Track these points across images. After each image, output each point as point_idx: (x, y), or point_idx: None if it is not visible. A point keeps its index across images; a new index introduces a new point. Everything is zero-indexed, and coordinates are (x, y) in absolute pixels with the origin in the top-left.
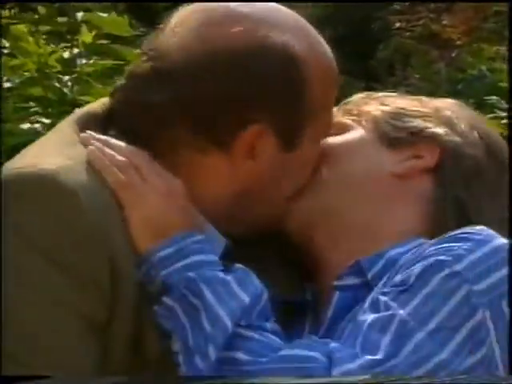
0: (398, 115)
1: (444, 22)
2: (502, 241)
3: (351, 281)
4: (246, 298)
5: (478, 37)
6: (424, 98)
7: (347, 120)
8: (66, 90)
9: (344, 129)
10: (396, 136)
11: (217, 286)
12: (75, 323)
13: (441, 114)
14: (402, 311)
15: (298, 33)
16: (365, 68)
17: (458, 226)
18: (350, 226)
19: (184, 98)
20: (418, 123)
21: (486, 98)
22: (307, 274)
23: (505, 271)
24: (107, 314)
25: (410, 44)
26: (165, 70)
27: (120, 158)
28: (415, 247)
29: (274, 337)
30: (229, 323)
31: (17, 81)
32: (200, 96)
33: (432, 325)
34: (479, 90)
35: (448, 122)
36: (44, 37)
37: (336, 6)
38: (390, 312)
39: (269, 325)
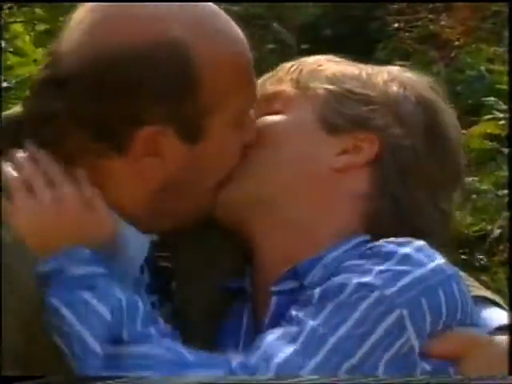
0: (343, 98)
1: (443, 23)
2: (414, 245)
3: (288, 285)
4: (108, 315)
5: (476, 37)
6: (374, 71)
7: (291, 92)
8: None
9: (286, 103)
10: (337, 122)
11: (79, 308)
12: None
13: (388, 93)
14: (311, 322)
15: (191, 25)
16: None
17: (394, 223)
18: (283, 220)
19: (76, 105)
20: (361, 111)
21: (484, 99)
22: (246, 258)
23: (421, 272)
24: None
25: (408, 44)
26: (57, 77)
27: (9, 171)
28: (349, 249)
29: (165, 349)
30: (96, 346)
31: (13, 81)
32: (91, 102)
33: (341, 331)
34: (478, 91)
35: (393, 106)
36: (43, 36)
37: (334, 6)
38: (297, 326)
39: (153, 330)
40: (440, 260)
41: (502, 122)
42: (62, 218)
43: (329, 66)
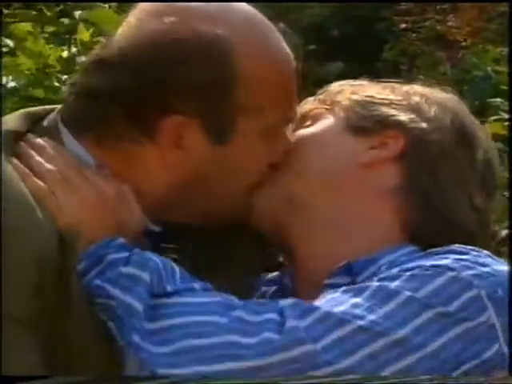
0: (366, 103)
1: (450, 24)
2: (484, 252)
3: (341, 280)
4: (147, 277)
5: (483, 38)
6: (396, 85)
7: (319, 110)
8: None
9: (315, 119)
10: (362, 124)
11: (120, 281)
12: (12, 327)
13: (410, 99)
14: (383, 283)
15: (240, 29)
16: (370, 69)
17: (428, 217)
18: (319, 221)
19: (116, 86)
20: (384, 111)
21: (490, 100)
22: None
23: (498, 268)
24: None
25: (415, 45)
26: (105, 59)
27: (47, 166)
28: (404, 255)
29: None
30: (138, 305)
31: (21, 82)
32: (128, 85)
33: (418, 295)
34: (484, 91)
35: (416, 108)
36: (45, 37)
37: (342, 7)
38: (367, 283)
39: (196, 285)
40: (507, 267)
41: (508, 122)
42: (101, 211)
43: (351, 84)
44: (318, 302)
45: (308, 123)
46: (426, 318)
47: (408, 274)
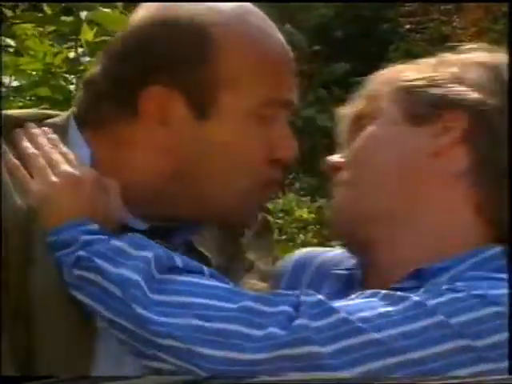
0: (414, 88)
1: (454, 24)
2: None
3: (408, 284)
4: (149, 254)
5: (488, 38)
6: (431, 61)
7: (369, 108)
8: (71, 88)
9: (369, 118)
10: (418, 112)
11: (113, 256)
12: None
13: (445, 72)
14: (423, 298)
15: (224, 10)
16: (375, 69)
17: (498, 191)
18: (395, 221)
19: (104, 71)
20: (436, 92)
21: None
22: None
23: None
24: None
25: (420, 46)
26: (105, 50)
27: (32, 150)
28: (479, 262)
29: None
30: (136, 277)
31: (26, 82)
32: (113, 67)
33: (452, 321)
34: None
35: (456, 79)
36: (49, 37)
37: (346, 7)
38: (409, 294)
39: (206, 269)
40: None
41: None
42: (77, 193)
43: (389, 72)
44: (345, 303)
45: (363, 123)
46: (452, 347)
47: (452, 296)
